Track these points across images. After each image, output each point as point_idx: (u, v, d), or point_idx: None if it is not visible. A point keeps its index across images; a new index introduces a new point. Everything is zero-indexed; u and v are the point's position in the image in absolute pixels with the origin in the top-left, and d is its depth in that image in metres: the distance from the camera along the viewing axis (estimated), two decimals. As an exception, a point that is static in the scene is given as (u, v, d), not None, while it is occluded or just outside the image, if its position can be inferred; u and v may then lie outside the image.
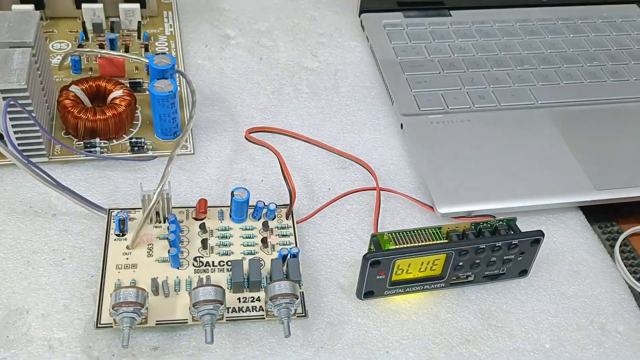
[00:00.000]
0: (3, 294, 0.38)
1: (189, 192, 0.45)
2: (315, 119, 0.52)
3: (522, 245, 0.40)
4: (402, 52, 0.57)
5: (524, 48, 0.59)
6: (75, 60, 0.51)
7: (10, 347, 0.36)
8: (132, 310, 0.35)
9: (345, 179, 0.47)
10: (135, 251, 0.40)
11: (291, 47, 0.58)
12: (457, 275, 0.41)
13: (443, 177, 0.47)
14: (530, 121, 0.52)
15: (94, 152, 0.45)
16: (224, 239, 0.41)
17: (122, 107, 0.46)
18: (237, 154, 0.48)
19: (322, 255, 0.43)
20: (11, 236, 0.41)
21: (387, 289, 0.40)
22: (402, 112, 0.52)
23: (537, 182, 0.47)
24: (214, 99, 0.52)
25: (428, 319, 0.40)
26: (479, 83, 0.55)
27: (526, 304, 0.42)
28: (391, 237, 0.39)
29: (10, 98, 0.39)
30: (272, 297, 0.37)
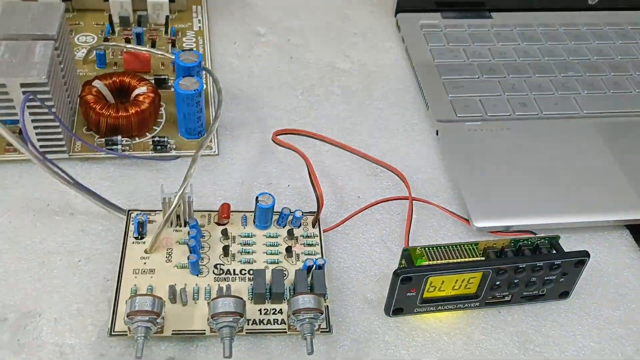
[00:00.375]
0: (16, 295, 0.36)
1: (211, 195, 0.43)
2: (346, 122, 0.50)
3: (565, 266, 0.37)
4: (439, 54, 0.55)
5: (568, 54, 0.56)
6: (100, 54, 0.49)
7: (21, 352, 0.34)
8: (148, 320, 0.33)
9: (375, 187, 0.45)
10: (154, 255, 0.38)
11: (323, 46, 0.56)
12: (494, 294, 0.38)
13: (480, 189, 0.44)
14: (574, 132, 0.49)
15: (115, 150, 0.43)
16: (247, 246, 0.39)
17: (145, 105, 0.44)
18: (263, 156, 0.46)
19: (349, 267, 0.40)
20: (27, 235, 0.39)
21: (418, 307, 0.37)
22: (437, 118, 0.49)
23: (580, 198, 0.44)
24: (241, 98, 0.50)
25: (460, 340, 0.37)
26: (520, 90, 0.52)
27: (566, 328, 0.39)
28: (424, 252, 0.37)
29: (29, 92, 0.37)
30: (295, 311, 0.35)
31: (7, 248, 0.38)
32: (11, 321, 0.35)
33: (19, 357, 0.34)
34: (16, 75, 0.37)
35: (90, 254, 0.39)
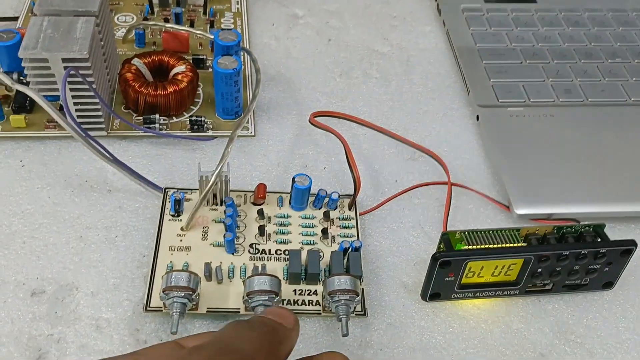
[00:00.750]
0: (54, 268, 0.37)
1: (247, 176, 0.43)
2: (385, 105, 0.49)
3: (610, 255, 0.36)
4: (481, 39, 0.53)
5: (616, 40, 0.54)
6: (140, 33, 0.49)
7: (58, 324, 0.34)
8: (183, 296, 0.33)
9: (413, 171, 0.44)
10: (190, 233, 0.38)
11: (362, 29, 0.55)
12: (534, 282, 0.37)
13: (521, 175, 0.43)
14: (621, 119, 0.47)
15: (153, 128, 0.43)
16: (282, 226, 0.39)
17: (184, 84, 0.44)
18: (299, 138, 0.46)
19: (385, 250, 0.40)
20: (65, 210, 0.39)
21: (455, 292, 0.36)
22: (478, 103, 0.48)
23: (627, 186, 0.43)
24: (278, 79, 0.50)
25: (499, 328, 0.36)
26: (565, 75, 0.51)
27: (609, 320, 0.37)
28: (463, 237, 0.36)
29: (71, 67, 0.38)
30: (330, 292, 0.34)
31: (46, 222, 0.39)
32: (49, 293, 0.35)
33: (56, 329, 0.34)
34: (58, 50, 0.38)
35: (127, 230, 0.39)
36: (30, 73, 0.39)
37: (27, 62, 0.38)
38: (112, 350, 0.34)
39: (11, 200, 0.39)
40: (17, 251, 0.37)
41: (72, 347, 0.33)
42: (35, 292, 0.35)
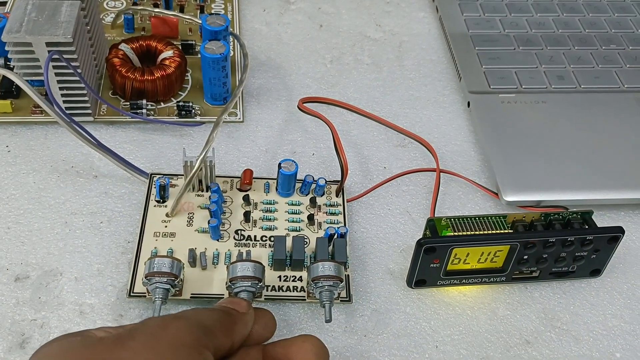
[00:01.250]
0: (39, 253, 0.37)
1: (235, 162, 0.43)
2: (375, 92, 0.48)
3: (597, 242, 0.36)
4: (474, 25, 0.53)
5: (612, 26, 0.54)
6: (128, 18, 0.49)
7: (42, 309, 0.34)
8: (166, 282, 0.33)
9: (403, 158, 0.44)
10: (175, 219, 0.38)
11: (354, 14, 0.55)
12: (521, 269, 0.37)
13: (511, 162, 0.42)
14: (614, 106, 0.47)
15: (140, 114, 0.43)
16: (268, 212, 0.39)
17: (171, 69, 0.44)
18: (288, 124, 0.45)
19: (372, 237, 0.39)
20: (51, 195, 0.39)
21: (441, 279, 0.36)
22: (470, 89, 0.48)
23: (617, 174, 0.42)
24: (268, 65, 0.50)
25: (484, 315, 0.36)
26: (559, 62, 0.50)
27: (597, 307, 0.37)
28: (449, 223, 0.36)
29: (54, 51, 0.37)
30: (314, 279, 0.34)
31: (31, 208, 0.39)
32: (33, 279, 0.35)
33: (39, 314, 0.34)
34: (42, 33, 0.37)
35: (112, 216, 0.39)
36: (14, 57, 0.39)
37: (11, 46, 0.38)
38: (94, 335, 0.33)
39: (-4, 186, 0.39)
40: (1, 236, 0.37)
41: (56, 332, 0.33)
42: (19, 278, 0.35)
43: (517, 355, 0.35)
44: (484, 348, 0.35)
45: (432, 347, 0.35)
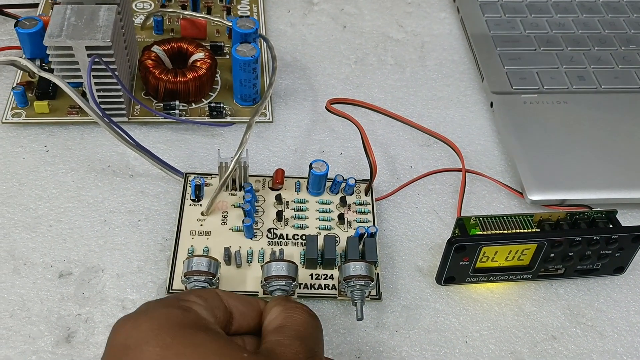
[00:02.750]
0: (80, 250, 0.38)
1: (265, 162, 0.44)
2: (399, 92, 0.49)
3: (622, 241, 0.37)
4: (495, 25, 0.54)
5: (631, 27, 0.54)
6: (158, 20, 0.50)
7: (85, 305, 0.36)
8: (204, 280, 0.34)
9: (428, 157, 0.45)
10: (210, 218, 0.39)
11: (376, 15, 0.56)
12: (547, 267, 0.38)
13: (535, 161, 0.43)
14: (635, 106, 0.48)
15: (172, 114, 0.44)
16: (300, 211, 0.40)
17: (203, 70, 0.45)
18: (316, 124, 0.47)
19: (400, 235, 0.41)
20: (89, 194, 0.41)
21: (470, 276, 0.37)
22: (492, 90, 0.49)
23: (639, 173, 0.43)
24: (294, 66, 0.51)
25: (511, 311, 0.37)
26: (579, 63, 0.51)
27: (620, 304, 0.38)
28: (478, 222, 0.37)
29: (95, 55, 0.38)
30: (346, 278, 0.35)
31: (71, 206, 0.40)
32: (76, 275, 0.37)
33: (83, 309, 0.35)
34: (82, 38, 0.38)
35: (149, 214, 0.40)
36: (54, 60, 0.40)
37: (52, 49, 0.39)
38: (137, 330, 0.35)
39: (37, 185, 0.41)
40: (44, 234, 0.38)
41: (100, 327, 0.35)
42: (62, 274, 0.37)
43: (544, 350, 0.36)
44: (512, 343, 0.36)
45: (462, 342, 0.36)
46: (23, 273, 0.36)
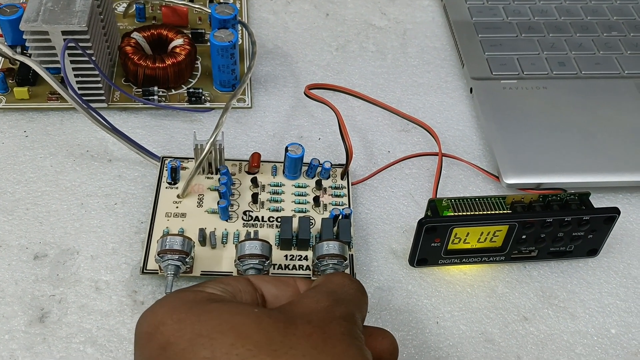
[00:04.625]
0: (56, 233, 0.38)
1: (244, 146, 0.44)
2: (380, 78, 0.50)
3: (594, 222, 0.37)
4: (477, 12, 0.54)
5: (613, 13, 0.54)
6: (140, 8, 0.50)
7: (59, 285, 0.36)
8: (177, 259, 0.35)
9: (406, 142, 0.45)
10: (186, 200, 0.39)
11: (359, 3, 0.56)
12: (519, 249, 0.38)
13: (512, 146, 0.43)
14: (614, 92, 0.48)
15: (152, 100, 0.45)
16: (275, 194, 0.40)
17: (182, 56, 0.45)
18: (295, 110, 0.47)
19: (376, 218, 0.41)
20: (67, 178, 0.41)
21: (442, 258, 0.38)
22: (472, 76, 0.49)
23: (616, 157, 0.43)
24: (275, 53, 0.51)
25: (484, 292, 0.38)
26: (560, 49, 0.51)
27: (593, 286, 0.38)
28: (450, 204, 0.37)
29: (70, 39, 0.39)
30: (319, 257, 0.36)
31: (48, 190, 0.40)
32: (51, 257, 0.37)
33: (57, 289, 0.36)
34: (58, 22, 0.39)
35: (126, 198, 0.40)
36: (31, 45, 0.40)
37: (28, 34, 0.40)
38: (110, 310, 0.35)
39: (15, 169, 0.41)
40: (20, 217, 0.39)
41: (73, 307, 0.35)
42: (37, 256, 0.37)
43: (515, 331, 0.36)
44: (483, 324, 0.36)
45: (433, 322, 0.36)
46: (-1, 255, 0.37)
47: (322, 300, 0.28)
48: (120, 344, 0.34)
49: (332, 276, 0.31)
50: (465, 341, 0.36)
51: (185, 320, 0.26)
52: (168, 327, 0.26)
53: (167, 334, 0.26)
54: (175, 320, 0.26)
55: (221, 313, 0.26)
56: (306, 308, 0.28)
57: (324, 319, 0.27)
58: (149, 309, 0.28)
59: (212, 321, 0.26)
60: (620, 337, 0.36)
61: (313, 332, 0.26)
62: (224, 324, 0.26)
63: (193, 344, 0.25)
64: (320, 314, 0.27)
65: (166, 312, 0.27)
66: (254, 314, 0.26)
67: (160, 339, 0.26)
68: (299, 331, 0.26)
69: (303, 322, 0.26)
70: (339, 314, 0.28)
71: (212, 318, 0.26)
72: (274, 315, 0.27)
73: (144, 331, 0.27)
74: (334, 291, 0.29)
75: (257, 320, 0.26)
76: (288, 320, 0.26)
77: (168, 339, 0.26)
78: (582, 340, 0.36)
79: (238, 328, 0.25)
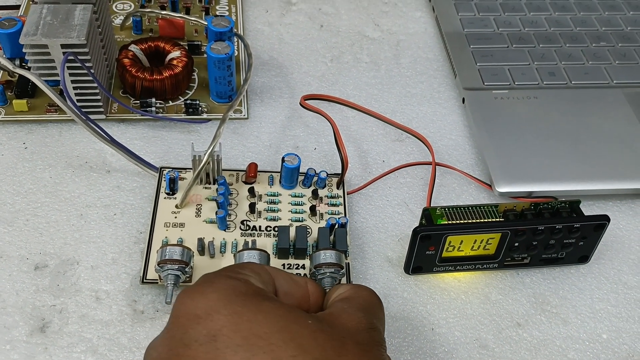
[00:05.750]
0: (56, 244, 0.39)
1: (240, 157, 0.45)
2: (374, 89, 0.50)
3: (584, 230, 0.38)
4: (469, 24, 0.55)
5: (602, 24, 0.56)
6: (137, 20, 0.51)
7: (60, 295, 0.36)
8: (177, 268, 0.35)
9: (400, 152, 0.46)
10: (184, 211, 0.40)
11: (353, 15, 0.57)
12: (512, 256, 0.39)
13: (504, 155, 0.44)
14: (603, 101, 0.49)
15: (149, 111, 0.45)
16: (272, 204, 0.41)
17: (179, 68, 0.46)
18: (291, 120, 0.48)
19: (371, 227, 0.41)
20: (66, 189, 0.41)
21: (437, 266, 0.38)
22: (464, 86, 0.50)
23: (606, 166, 0.44)
24: (271, 64, 0.52)
25: (478, 299, 0.38)
26: (550, 59, 0.52)
27: (584, 292, 0.39)
28: (444, 212, 0.38)
29: (70, 52, 0.39)
30: (316, 266, 0.36)
31: (48, 201, 0.41)
32: (52, 267, 0.38)
33: (58, 299, 0.36)
34: (57, 36, 0.39)
35: (125, 208, 0.41)
36: (31, 58, 0.41)
37: (28, 48, 0.40)
38: (111, 319, 0.36)
39: (15, 180, 0.41)
40: (20, 228, 0.39)
41: (74, 317, 0.36)
42: (38, 266, 0.38)
43: (509, 337, 0.37)
44: (477, 330, 0.37)
45: (429, 329, 0.37)
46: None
47: (363, 321, 0.29)
48: (120, 353, 0.34)
49: (359, 290, 0.31)
50: (460, 347, 0.36)
51: (241, 314, 0.26)
52: (222, 317, 0.26)
53: (220, 324, 0.26)
54: (231, 312, 0.26)
55: (278, 317, 0.27)
56: (350, 326, 0.28)
57: (368, 342, 0.28)
58: (196, 289, 0.27)
59: (269, 325, 0.26)
60: (611, 341, 0.37)
61: (362, 355, 0.27)
62: (283, 332, 0.26)
63: (250, 344, 0.25)
64: (364, 335, 0.28)
65: (220, 299, 0.27)
66: (310, 327, 0.27)
67: (211, 326, 0.26)
68: (350, 353, 0.26)
69: (352, 343, 0.27)
70: (377, 338, 0.29)
71: (269, 321, 0.26)
72: (327, 330, 0.27)
73: (190, 312, 0.27)
74: (367, 309, 0.30)
75: (314, 335, 0.26)
76: (339, 339, 0.27)
77: (221, 330, 0.26)
78: (574, 345, 0.37)
79: (298, 340, 0.26)
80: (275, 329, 0.26)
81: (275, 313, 0.27)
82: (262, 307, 0.27)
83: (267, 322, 0.26)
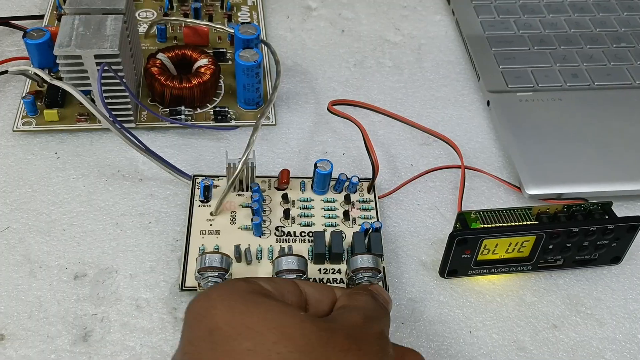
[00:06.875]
0: (94, 253, 0.39)
1: (270, 163, 0.45)
2: (398, 93, 0.51)
3: (617, 231, 0.38)
4: (489, 26, 0.55)
5: (621, 25, 0.56)
6: (161, 28, 0.51)
7: (101, 304, 0.37)
8: (217, 275, 0.35)
9: (428, 156, 0.46)
10: (219, 218, 0.40)
11: (373, 19, 0.57)
12: (546, 258, 0.39)
13: (531, 157, 0.45)
14: (626, 102, 0.49)
15: (179, 119, 0.46)
16: (306, 210, 0.41)
17: (207, 76, 0.46)
18: (318, 126, 0.48)
19: (403, 231, 0.42)
20: (100, 198, 0.42)
21: (472, 269, 0.39)
22: (488, 89, 0.50)
23: (633, 166, 0.45)
24: (295, 70, 0.52)
25: (513, 302, 0.39)
26: (572, 61, 0.52)
27: (618, 292, 0.40)
28: (478, 216, 0.38)
29: (105, 63, 0.40)
30: (354, 270, 0.36)
31: (83, 210, 0.41)
32: (91, 276, 0.38)
33: (99, 308, 0.36)
34: (90, 47, 0.40)
35: (159, 217, 0.41)
36: (64, 69, 0.41)
37: (62, 59, 0.40)
38: (152, 327, 0.36)
39: (49, 190, 0.42)
40: (58, 238, 0.39)
41: (115, 325, 0.36)
42: (77, 276, 0.38)
43: (546, 339, 0.37)
44: (514, 332, 0.37)
45: (466, 332, 0.37)
46: (39, 276, 0.38)
47: (356, 317, 0.30)
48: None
49: (357, 295, 0.32)
50: (498, 350, 0.37)
51: (235, 308, 0.27)
52: (218, 312, 0.27)
53: (216, 319, 0.27)
54: (227, 307, 0.27)
55: (269, 309, 0.28)
56: (344, 322, 0.29)
57: (360, 336, 0.28)
58: (203, 292, 0.29)
59: (259, 315, 0.27)
60: (647, 342, 0.37)
61: (350, 347, 0.27)
62: (270, 321, 0.27)
63: (239, 333, 0.26)
64: (356, 330, 0.29)
65: (218, 297, 0.28)
66: (299, 317, 0.28)
67: (209, 322, 0.27)
68: (338, 344, 0.27)
69: (342, 336, 0.28)
70: (372, 332, 0.29)
71: (260, 312, 0.27)
72: (317, 323, 0.28)
73: (195, 312, 0.28)
74: (363, 308, 0.31)
75: (301, 325, 0.27)
76: (329, 330, 0.28)
77: (217, 324, 0.27)
78: (611, 346, 0.37)
79: (283, 328, 0.27)
80: (263, 319, 0.27)
81: (268, 305, 0.28)
82: (257, 301, 0.28)
83: (258, 313, 0.27)
